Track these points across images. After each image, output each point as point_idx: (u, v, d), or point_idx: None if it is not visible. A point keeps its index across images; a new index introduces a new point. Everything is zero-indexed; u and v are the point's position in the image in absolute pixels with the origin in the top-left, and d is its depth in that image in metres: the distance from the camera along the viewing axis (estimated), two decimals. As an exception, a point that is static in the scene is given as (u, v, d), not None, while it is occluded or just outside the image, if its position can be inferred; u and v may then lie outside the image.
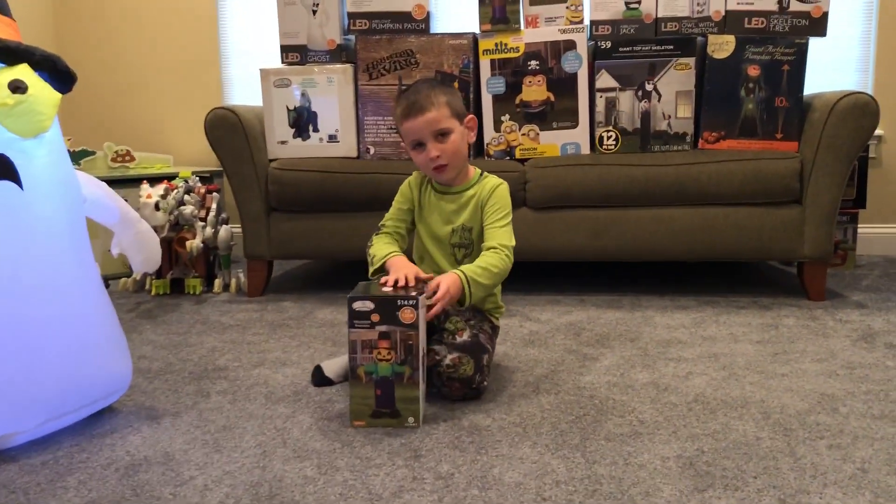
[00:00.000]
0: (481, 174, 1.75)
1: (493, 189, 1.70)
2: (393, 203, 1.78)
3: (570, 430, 1.40)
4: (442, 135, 1.63)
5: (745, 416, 1.46)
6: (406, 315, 1.41)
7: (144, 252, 1.74)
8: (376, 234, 1.74)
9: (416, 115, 1.62)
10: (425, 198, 1.74)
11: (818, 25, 2.40)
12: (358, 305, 1.40)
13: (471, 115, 1.71)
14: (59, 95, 1.38)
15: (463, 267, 1.59)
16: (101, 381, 1.45)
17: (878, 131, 3.14)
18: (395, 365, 1.42)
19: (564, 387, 1.63)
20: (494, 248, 1.63)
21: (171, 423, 1.47)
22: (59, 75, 1.39)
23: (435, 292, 1.50)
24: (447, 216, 1.71)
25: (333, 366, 1.71)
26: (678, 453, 1.29)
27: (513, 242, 1.66)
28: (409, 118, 1.63)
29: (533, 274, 2.84)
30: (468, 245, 1.70)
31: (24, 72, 1.34)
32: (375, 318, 1.41)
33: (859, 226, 2.99)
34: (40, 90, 1.33)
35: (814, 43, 2.42)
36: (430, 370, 1.55)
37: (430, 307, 1.49)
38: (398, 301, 1.41)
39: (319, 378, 1.69)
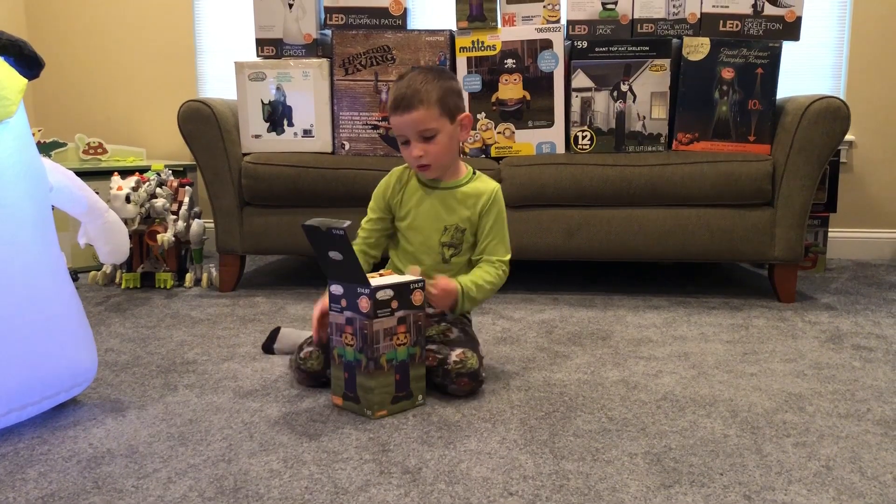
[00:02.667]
0: (473, 173, 1.71)
1: (493, 196, 1.67)
2: (369, 207, 1.75)
3: (540, 426, 1.40)
4: (428, 136, 1.58)
5: (713, 413, 1.47)
6: (417, 297, 1.47)
7: (112, 242, 1.72)
8: None
9: (402, 112, 1.56)
10: (409, 192, 1.69)
11: (792, 29, 2.42)
12: (381, 295, 1.41)
13: (465, 114, 1.65)
14: (24, 81, 1.36)
15: (462, 279, 1.60)
16: (65, 372, 1.42)
17: (849, 137, 3.18)
18: (410, 347, 1.47)
19: (535, 384, 1.63)
20: (493, 262, 1.65)
21: (137, 416, 1.45)
22: (26, 60, 1.37)
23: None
24: (436, 212, 1.67)
25: (289, 336, 1.76)
26: (646, 450, 1.30)
27: (509, 255, 1.69)
28: (395, 112, 1.58)
29: (507, 273, 2.84)
30: (458, 245, 1.67)
31: (-12, 56, 1.31)
32: (395, 304, 1.43)
33: (830, 229, 3.02)
34: (5, 75, 1.31)
35: (787, 48, 2.44)
36: (434, 371, 1.54)
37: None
38: (411, 285, 1.46)
39: (268, 343, 1.81)
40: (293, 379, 1.65)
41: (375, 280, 1.45)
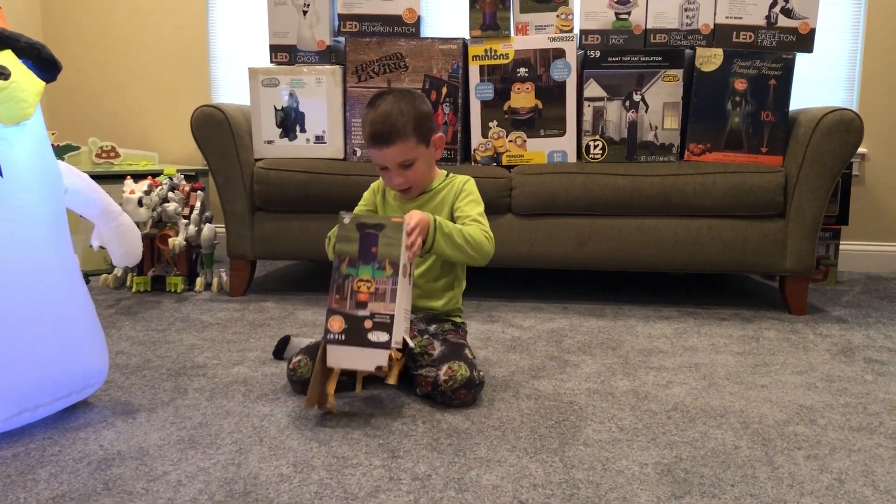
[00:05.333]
0: (447, 175, 1.78)
1: (463, 184, 1.74)
2: (359, 204, 1.86)
3: (550, 435, 1.39)
4: (406, 164, 1.65)
5: (723, 425, 1.46)
6: (334, 325, 1.46)
7: (125, 245, 1.73)
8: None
9: (380, 146, 1.63)
10: (388, 197, 1.79)
11: (805, 41, 2.42)
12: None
13: (438, 135, 1.72)
14: (42, 83, 1.37)
15: (438, 217, 1.59)
16: (77, 373, 1.43)
17: (861, 149, 3.16)
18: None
19: (545, 392, 1.63)
20: (474, 219, 1.66)
21: (147, 419, 1.46)
22: (44, 63, 1.38)
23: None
24: (412, 209, 1.70)
25: (299, 345, 1.76)
26: (656, 460, 1.29)
27: (489, 228, 1.67)
28: (373, 146, 1.65)
29: (516, 281, 2.84)
30: None
31: (7, 58, 1.32)
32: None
33: (841, 242, 3.01)
34: (23, 77, 1.32)
35: (801, 60, 2.43)
36: (433, 394, 1.54)
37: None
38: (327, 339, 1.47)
39: (278, 351, 1.84)
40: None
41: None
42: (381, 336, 1.43)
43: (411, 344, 1.51)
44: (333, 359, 1.45)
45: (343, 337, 1.44)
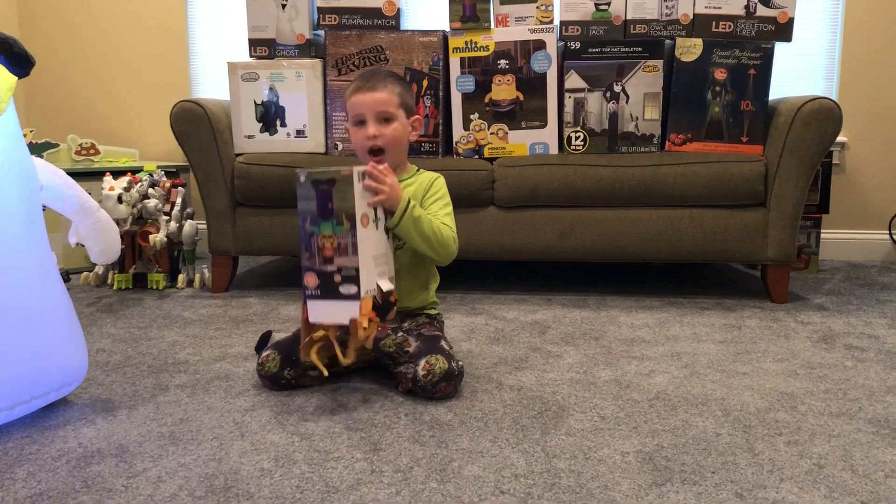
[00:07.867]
0: (418, 170, 1.77)
1: (432, 181, 1.73)
2: None
3: (532, 426, 1.39)
4: (386, 119, 1.66)
5: (705, 413, 1.47)
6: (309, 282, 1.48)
7: (103, 242, 1.71)
8: None
9: (365, 92, 1.65)
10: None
11: (784, 30, 2.43)
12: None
13: (417, 116, 1.75)
14: (14, 79, 1.35)
15: (413, 201, 1.59)
16: (55, 372, 1.41)
17: (841, 138, 3.19)
18: None
19: (527, 383, 1.63)
20: (441, 220, 1.64)
21: (127, 416, 1.45)
22: (16, 58, 1.36)
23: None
24: None
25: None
26: (638, 448, 1.30)
27: (456, 244, 1.67)
28: (358, 93, 1.66)
29: (499, 273, 2.84)
30: None
31: (-22, 53, 1.31)
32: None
33: (822, 231, 3.03)
34: (-5, 72, 1.30)
35: (780, 50, 2.44)
36: (414, 391, 1.54)
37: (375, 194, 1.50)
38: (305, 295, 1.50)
39: (260, 346, 1.79)
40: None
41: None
42: (350, 289, 1.44)
43: (390, 287, 1.50)
44: (313, 314, 1.49)
45: (319, 292, 1.47)
